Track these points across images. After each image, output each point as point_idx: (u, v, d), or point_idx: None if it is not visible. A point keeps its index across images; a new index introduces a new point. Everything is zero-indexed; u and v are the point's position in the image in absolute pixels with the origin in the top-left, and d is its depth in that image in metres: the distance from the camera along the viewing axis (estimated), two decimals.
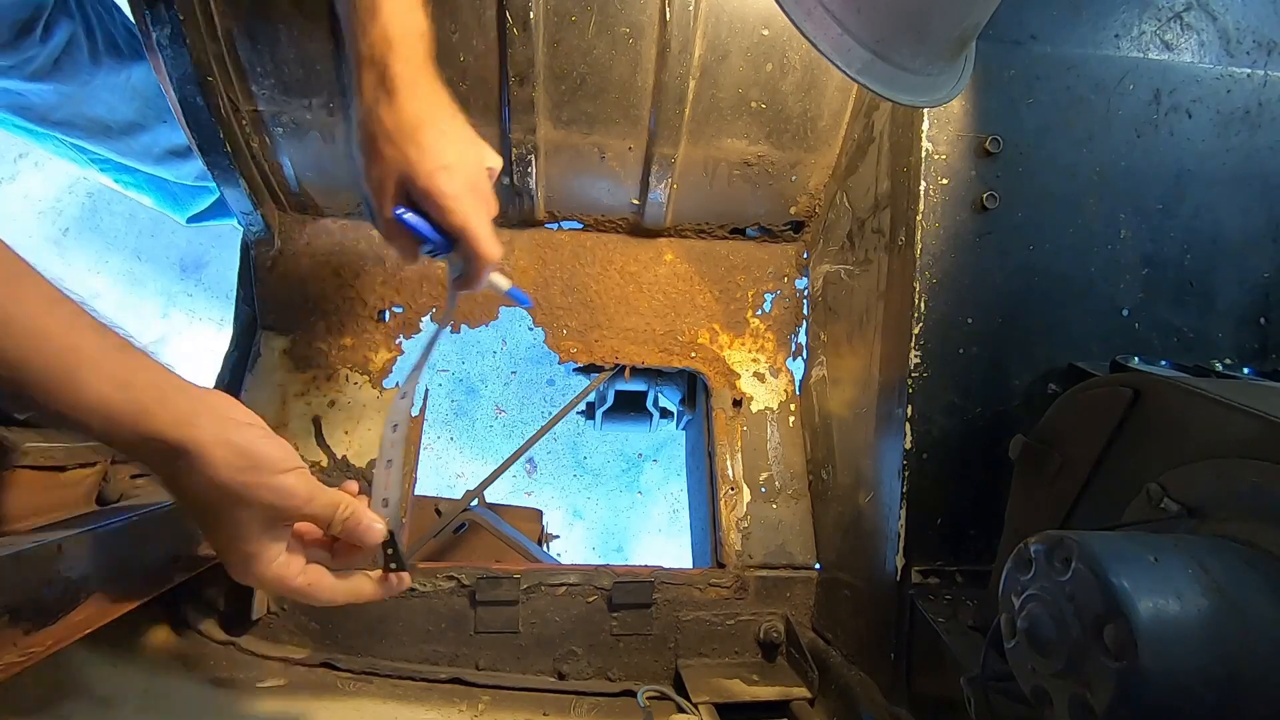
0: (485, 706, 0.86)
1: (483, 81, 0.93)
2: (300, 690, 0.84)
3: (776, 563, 1.00)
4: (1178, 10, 0.79)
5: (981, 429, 0.77)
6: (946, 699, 0.69)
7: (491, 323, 1.08)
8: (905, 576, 0.76)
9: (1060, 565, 0.42)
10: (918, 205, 0.77)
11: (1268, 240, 0.80)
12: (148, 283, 2.08)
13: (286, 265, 1.04)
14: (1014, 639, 0.45)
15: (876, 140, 0.90)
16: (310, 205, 1.05)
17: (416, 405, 1.04)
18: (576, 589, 0.94)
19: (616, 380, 1.15)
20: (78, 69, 1.21)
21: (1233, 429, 0.48)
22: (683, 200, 1.05)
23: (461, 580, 0.92)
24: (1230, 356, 0.79)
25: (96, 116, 1.29)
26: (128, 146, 1.35)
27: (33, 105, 1.24)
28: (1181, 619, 0.38)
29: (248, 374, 1.01)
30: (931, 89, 0.59)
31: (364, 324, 1.05)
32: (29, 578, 0.55)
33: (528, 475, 2.19)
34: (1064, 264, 0.78)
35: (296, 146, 0.98)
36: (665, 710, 0.87)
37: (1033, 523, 0.64)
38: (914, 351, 0.76)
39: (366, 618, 0.91)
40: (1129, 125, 0.78)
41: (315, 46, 0.89)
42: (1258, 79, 0.80)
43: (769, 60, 0.94)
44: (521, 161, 0.99)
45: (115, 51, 1.24)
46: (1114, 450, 0.57)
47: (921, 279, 0.76)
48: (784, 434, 1.08)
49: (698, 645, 0.95)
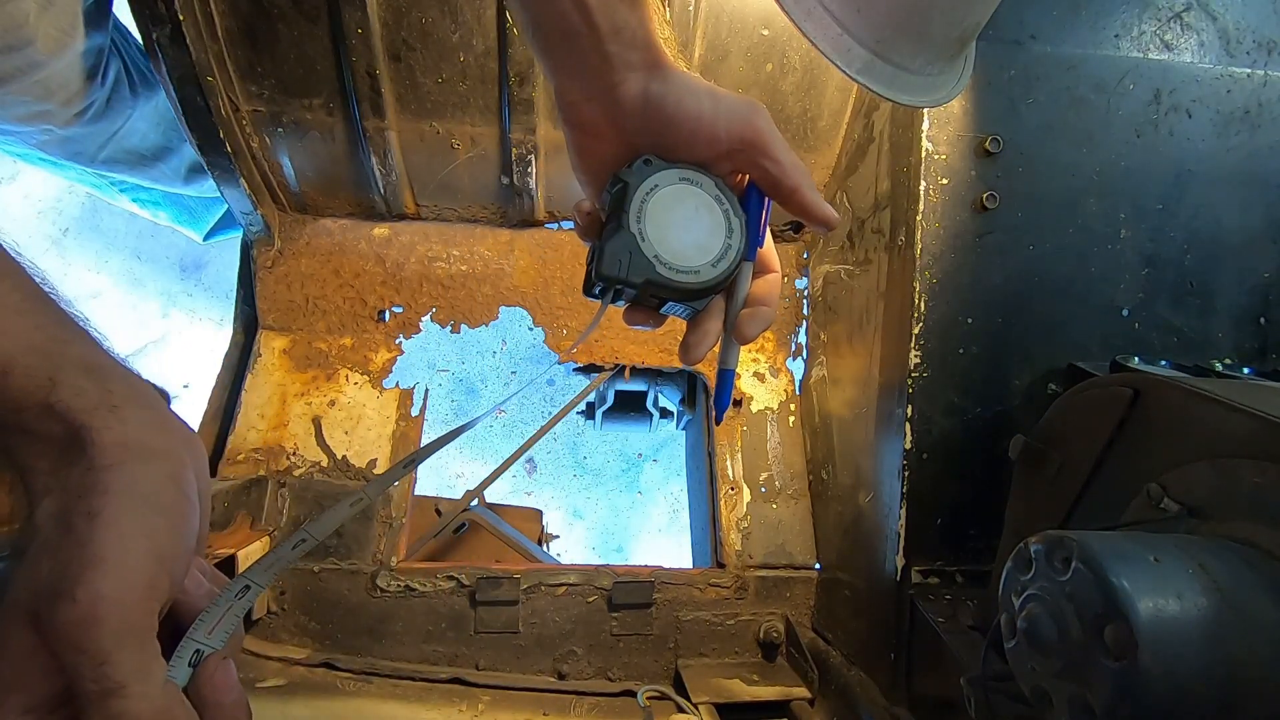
0: (485, 706, 0.86)
1: (483, 82, 0.93)
2: (300, 690, 0.84)
3: (776, 563, 1.00)
4: (1178, 10, 0.79)
5: (981, 429, 0.77)
6: (946, 699, 0.69)
7: (492, 323, 1.08)
8: (905, 576, 0.76)
9: (1060, 565, 0.42)
10: (918, 205, 0.77)
11: (1268, 240, 0.80)
12: (148, 283, 2.08)
13: (286, 265, 1.04)
14: (1014, 639, 0.45)
15: (876, 140, 0.90)
16: (310, 205, 1.05)
17: (416, 406, 1.04)
18: (576, 589, 0.94)
19: (616, 380, 1.15)
20: (123, 105, 1.20)
21: (1233, 429, 0.48)
22: None
23: (461, 580, 0.92)
24: (1230, 356, 0.79)
25: (133, 148, 1.27)
26: (159, 172, 1.34)
27: (85, 150, 1.23)
28: (1181, 619, 0.38)
29: (248, 374, 1.01)
30: (931, 89, 0.59)
31: (364, 324, 1.05)
32: None
33: (528, 475, 2.19)
34: (1064, 264, 0.78)
35: (296, 146, 0.98)
36: (665, 710, 0.87)
37: (1033, 523, 0.64)
38: (914, 351, 0.76)
39: (367, 618, 0.91)
40: (1129, 125, 0.78)
41: (315, 46, 0.89)
42: (1258, 79, 0.80)
43: (769, 60, 0.94)
44: (521, 161, 0.99)
45: (145, 81, 1.23)
46: (1114, 450, 0.57)
47: (921, 279, 0.76)
48: (784, 434, 1.08)
49: (698, 645, 0.95)
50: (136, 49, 1.24)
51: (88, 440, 0.31)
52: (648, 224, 0.43)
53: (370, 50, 0.89)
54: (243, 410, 0.99)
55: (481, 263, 1.08)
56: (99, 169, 1.29)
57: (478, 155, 1.00)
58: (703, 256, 0.44)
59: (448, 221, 1.09)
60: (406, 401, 1.04)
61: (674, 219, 0.44)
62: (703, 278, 0.44)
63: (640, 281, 0.43)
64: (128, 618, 0.30)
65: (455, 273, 1.07)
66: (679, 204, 0.44)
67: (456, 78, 0.93)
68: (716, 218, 0.45)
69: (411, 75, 0.93)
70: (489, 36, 0.90)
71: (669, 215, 0.43)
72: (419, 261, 1.07)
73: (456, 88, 0.94)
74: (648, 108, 0.43)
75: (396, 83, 0.94)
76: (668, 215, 0.43)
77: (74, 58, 1.06)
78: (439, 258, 1.07)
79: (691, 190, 0.44)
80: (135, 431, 0.32)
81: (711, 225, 0.45)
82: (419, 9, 0.88)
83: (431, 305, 1.06)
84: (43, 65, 1.01)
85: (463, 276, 1.07)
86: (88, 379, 0.32)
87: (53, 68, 1.03)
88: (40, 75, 1.02)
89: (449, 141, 0.99)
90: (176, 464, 0.34)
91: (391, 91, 0.94)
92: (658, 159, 0.44)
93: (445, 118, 0.97)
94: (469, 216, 1.08)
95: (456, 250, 1.08)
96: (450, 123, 0.97)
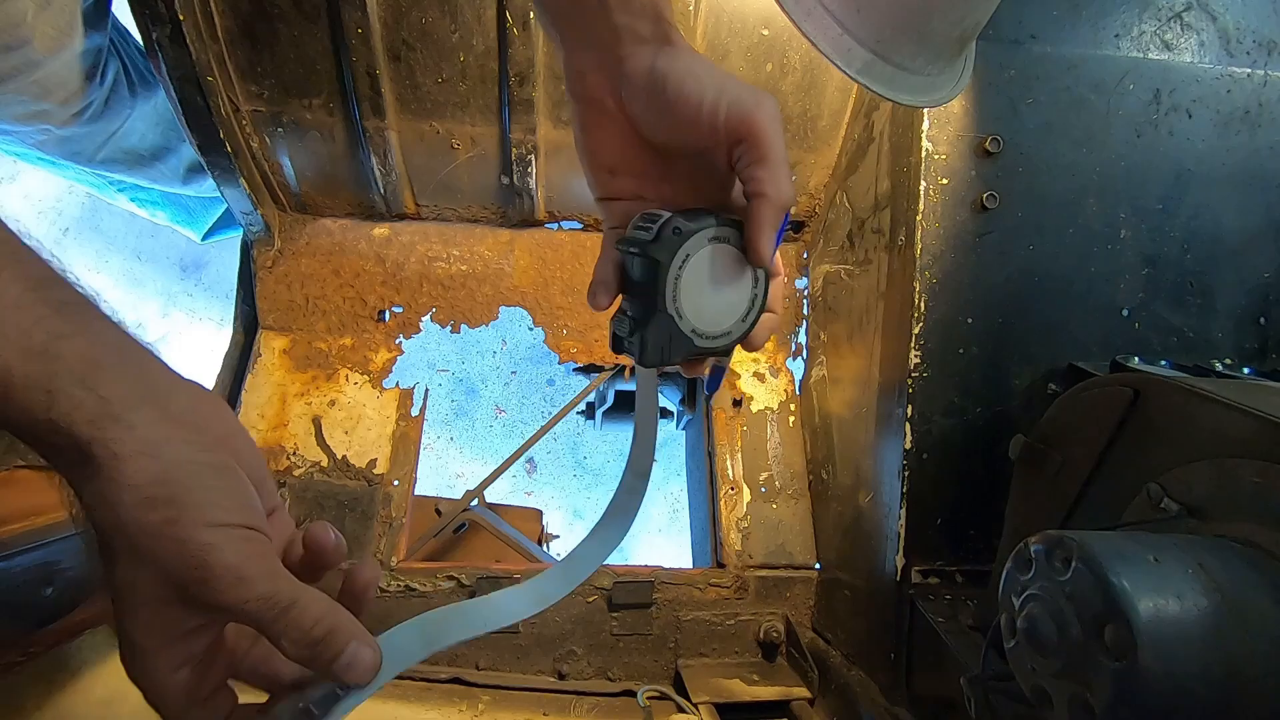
0: (485, 706, 0.86)
1: (483, 82, 0.93)
2: None
3: (776, 563, 1.00)
4: (1178, 10, 0.79)
5: (981, 429, 0.77)
6: (946, 699, 0.69)
7: (492, 323, 1.08)
8: (905, 576, 0.76)
9: (1060, 565, 0.42)
10: (918, 205, 0.77)
11: (1268, 240, 0.80)
12: (148, 283, 2.08)
13: (286, 265, 1.04)
14: (1014, 639, 0.45)
15: (876, 140, 0.90)
16: (310, 205, 1.05)
17: (416, 406, 1.04)
18: (576, 589, 0.94)
19: (616, 380, 1.15)
20: (121, 105, 1.20)
21: (1233, 429, 0.48)
22: None
23: (461, 580, 0.92)
24: (1230, 356, 0.79)
25: (131, 148, 1.28)
26: (158, 171, 1.34)
27: (83, 150, 1.23)
28: (1181, 619, 0.38)
29: (248, 374, 1.01)
30: (931, 89, 0.59)
31: (364, 324, 1.05)
32: (29, 578, 0.55)
33: (528, 475, 2.19)
34: (1064, 264, 0.78)
35: (296, 146, 0.98)
36: (665, 710, 0.86)
37: (1033, 523, 0.64)
38: (914, 351, 0.76)
39: (367, 618, 0.91)
40: (1129, 125, 0.78)
41: (315, 46, 0.89)
42: (1258, 79, 0.80)
43: (769, 60, 0.94)
44: (521, 161, 0.99)
45: (144, 81, 1.24)
46: (1114, 450, 0.57)
47: (921, 279, 0.76)
48: (784, 434, 1.08)
49: (698, 645, 0.95)
50: (135, 49, 1.24)
51: (97, 456, 0.31)
52: (683, 301, 0.42)
53: (370, 50, 0.89)
54: (243, 410, 0.99)
55: (481, 263, 1.08)
56: (97, 169, 1.29)
57: (478, 155, 1.00)
58: (734, 314, 0.44)
59: (448, 221, 1.09)
60: (406, 401, 1.04)
61: (705, 286, 0.42)
62: (734, 336, 0.44)
63: (680, 360, 0.43)
64: (258, 560, 0.33)
65: (455, 273, 1.07)
66: (709, 267, 0.42)
67: (456, 78, 0.93)
68: (744, 269, 0.43)
69: (411, 75, 0.93)
70: (489, 36, 0.90)
71: (701, 283, 0.42)
72: (419, 261, 1.07)
73: (456, 88, 0.94)
74: (653, 85, 0.41)
75: (396, 83, 0.94)
76: (699, 283, 0.42)
77: (72, 57, 1.06)
78: (439, 258, 1.07)
79: (720, 249, 0.42)
80: (145, 433, 0.32)
81: (739, 280, 0.43)
82: (419, 9, 0.88)
83: (431, 305, 1.06)
84: (40, 65, 1.01)
85: (463, 276, 1.07)
86: (83, 387, 0.31)
87: (50, 67, 1.03)
88: (38, 75, 1.02)
89: (449, 141, 0.99)
90: (198, 445, 0.34)
91: (391, 91, 0.94)
92: (683, 221, 0.41)
93: (445, 118, 0.97)
94: (469, 216, 1.08)
95: (456, 250, 1.08)
96: (450, 123, 0.97)
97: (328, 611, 0.35)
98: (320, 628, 0.34)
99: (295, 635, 0.34)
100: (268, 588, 0.33)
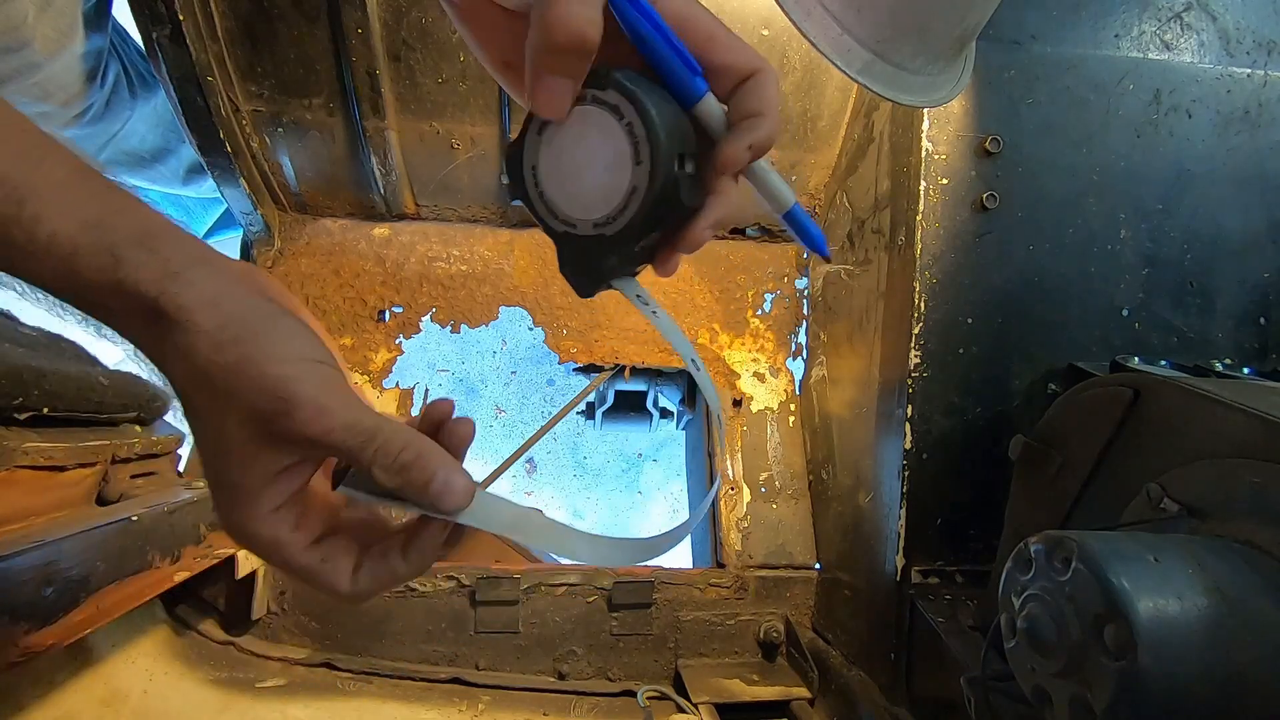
0: (485, 706, 0.86)
1: (483, 81, 0.93)
2: (300, 690, 0.84)
3: (776, 563, 1.00)
4: (1178, 10, 0.79)
5: (981, 429, 0.77)
6: (946, 699, 0.69)
7: (492, 323, 1.08)
8: (905, 576, 0.76)
9: (1060, 565, 0.42)
10: (918, 205, 0.77)
11: (1268, 240, 0.80)
12: None
13: (286, 265, 1.04)
14: (1014, 639, 0.45)
15: (876, 140, 0.90)
16: (310, 205, 1.05)
17: (416, 406, 1.04)
18: (576, 589, 0.94)
19: (616, 380, 1.15)
20: (122, 106, 1.20)
21: (1233, 429, 0.48)
22: None
23: (461, 580, 0.92)
24: (1230, 356, 0.79)
25: (131, 149, 1.28)
26: (158, 173, 1.34)
27: (84, 152, 1.23)
28: (1181, 619, 0.38)
29: None
30: (931, 89, 0.59)
31: (364, 324, 1.05)
32: (29, 578, 0.55)
33: (528, 475, 2.19)
34: (1064, 264, 0.78)
35: (296, 146, 0.98)
36: (665, 710, 0.87)
37: (1033, 523, 0.64)
38: (914, 351, 0.76)
39: (367, 618, 0.91)
40: (1129, 125, 0.78)
41: (315, 46, 0.89)
42: (1258, 79, 0.80)
43: (769, 60, 0.94)
44: None
45: (144, 82, 1.24)
46: (1114, 450, 0.57)
47: (921, 279, 0.76)
48: (784, 434, 1.08)
49: (698, 645, 0.95)
50: (135, 51, 1.24)
51: (166, 310, 0.33)
52: (542, 166, 0.39)
53: (370, 50, 0.89)
54: None
55: (481, 263, 1.08)
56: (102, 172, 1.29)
57: (478, 155, 1.00)
58: (606, 200, 0.37)
59: (448, 221, 1.09)
60: (406, 401, 1.04)
61: (574, 158, 0.38)
62: (609, 229, 0.37)
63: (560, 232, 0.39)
64: (337, 390, 0.34)
65: (455, 273, 1.07)
66: (582, 135, 0.37)
67: (456, 78, 0.93)
68: (624, 150, 0.36)
69: (411, 75, 0.93)
70: None
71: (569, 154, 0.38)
72: (419, 261, 1.07)
73: (456, 88, 0.94)
74: None
75: (396, 83, 0.94)
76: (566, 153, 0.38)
77: (73, 59, 1.06)
78: (439, 258, 1.07)
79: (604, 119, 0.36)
80: (204, 288, 0.33)
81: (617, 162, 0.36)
82: (419, 9, 0.88)
83: (431, 305, 1.06)
84: (41, 66, 1.01)
85: (463, 276, 1.07)
86: (145, 250, 0.33)
87: (51, 69, 1.03)
88: (39, 77, 1.02)
89: (449, 141, 0.99)
90: (258, 296, 0.35)
91: (391, 91, 0.94)
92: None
93: (445, 118, 0.97)
94: (469, 216, 1.08)
95: (456, 250, 1.08)
96: (450, 123, 0.97)
97: (414, 438, 0.35)
98: (409, 452, 0.34)
99: (384, 461, 0.34)
100: (350, 416, 0.34)
